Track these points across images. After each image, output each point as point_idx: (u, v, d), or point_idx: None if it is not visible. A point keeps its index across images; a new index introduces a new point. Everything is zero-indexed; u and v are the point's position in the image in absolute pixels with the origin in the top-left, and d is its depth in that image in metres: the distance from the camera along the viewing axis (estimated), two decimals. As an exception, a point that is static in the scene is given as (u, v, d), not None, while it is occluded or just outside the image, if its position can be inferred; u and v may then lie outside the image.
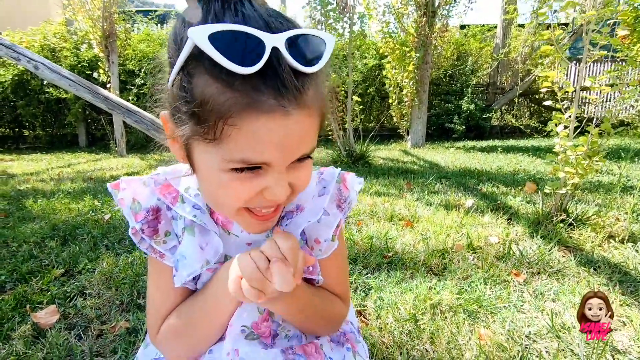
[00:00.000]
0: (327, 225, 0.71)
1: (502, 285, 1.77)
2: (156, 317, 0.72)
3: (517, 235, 2.34)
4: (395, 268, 1.93)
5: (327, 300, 0.78)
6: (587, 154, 2.23)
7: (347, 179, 0.77)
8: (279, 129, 0.46)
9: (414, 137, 7.63)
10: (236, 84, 0.44)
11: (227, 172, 0.50)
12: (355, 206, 3.00)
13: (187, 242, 0.67)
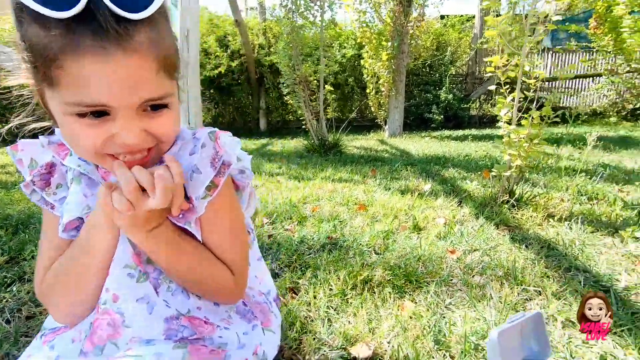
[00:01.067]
0: (199, 182, 0.71)
1: (436, 262, 1.85)
2: (41, 268, 0.71)
3: (462, 216, 2.42)
4: (339, 248, 1.99)
5: (213, 265, 0.78)
6: (529, 137, 2.31)
7: (220, 137, 0.77)
8: (102, 70, 0.49)
9: (392, 126, 7.70)
10: (54, 28, 0.49)
11: (72, 117, 0.54)
12: (315, 192, 3.05)
13: (73, 191, 0.71)
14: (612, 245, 1.98)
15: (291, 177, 3.67)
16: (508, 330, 0.73)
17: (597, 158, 4.26)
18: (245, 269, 0.85)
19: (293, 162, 4.51)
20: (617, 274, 1.70)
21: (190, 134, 0.78)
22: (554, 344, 1.29)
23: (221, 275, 0.79)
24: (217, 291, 0.81)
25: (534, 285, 1.61)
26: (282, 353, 1.23)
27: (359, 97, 10.09)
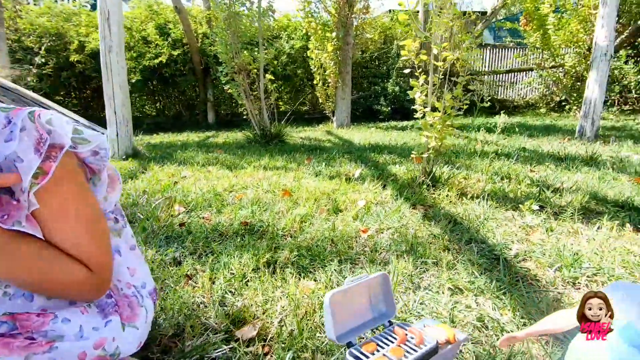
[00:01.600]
0: (22, 173, 0.63)
1: (347, 241, 1.85)
2: None
3: (383, 198, 2.46)
4: (252, 233, 1.93)
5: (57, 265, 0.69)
6: (443, 119, 2.39)
7: (41, 116, 0.67)
8: None
9: (339, 117, 7.75)
10: None
11: None
12: (244, 180, 2.97)
13: None
14: (512, 218, 2.10)
15: (224, 166, 3.54)
16: (340, 293, 0.72)
17: (519, 143, 4.57)
18: (105, 262, 0.77)
19: (231, 153, 4.38)
20: (511, 243, 1.81)
21: (3, 118, 0.68)
22: (439, 310, 1.34)
23: (69, 273, 0.70)
24: (66, 291, 0.73)
25: (432, 258, 1.66)
26: (159, 341, 1.16)
27: (310, 89, 10.07)
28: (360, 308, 0.79)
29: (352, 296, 0.77)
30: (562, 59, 8.72)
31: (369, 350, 0.71)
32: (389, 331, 0.78)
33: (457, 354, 0.79)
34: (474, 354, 1.13)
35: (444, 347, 0.76)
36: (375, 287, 0.82)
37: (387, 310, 0.83)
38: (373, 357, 0.68)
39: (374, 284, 0.81)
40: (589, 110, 4.73)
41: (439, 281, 1.49)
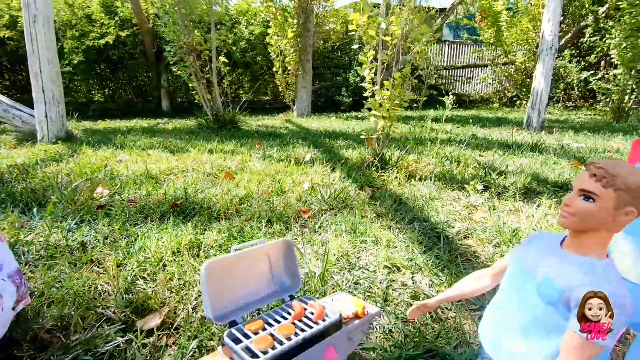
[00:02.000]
0: None
1: (285, 222, 1.72)
2: None
3: (331, 180, 2.36)
4: (181, 215, 1.75)
5: None
6: (392, 98, 2.32)
7: None
8: None
9: (300, 107, 7.59)
10: None
11: None
12: (186, 163, 2.74)
13: None
14: (458, 198, 2.07)
15: (166, 150, 3.28)
16: (220, 262, 0.59)
17: (471, 131, 4.66)
18: None
19: (178, 138, 4.09)
20: (453, 222, 1.76)
21: None
22: (374, 290, 1.24)
23: None
24: None
25: (372, 237, 1.57)
26: (35, 335, 0.96)
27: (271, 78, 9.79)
28: (254, 281, 0.65)
29: (242, 267, 0.64)
30: (514, 55, 9.11)
31: (253, 329, 0.58)
32: (286, 307, 0.66)
33: (368, 329, 0.69)
34: (402, 332, 1.04)
35: (349, 321, 0.65)
36: (276, 256, 0.69)
37: (292, 282, 0.71)
38: (254, 337, 0.55)
39: (274, 253, 0.68)
40: (535, 101, 4.92)
41: (376, 260, 1.40)
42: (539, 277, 0.50)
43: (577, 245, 0.50)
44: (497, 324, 0.56)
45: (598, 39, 8.28)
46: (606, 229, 0.48)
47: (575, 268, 0.48)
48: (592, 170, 0.47)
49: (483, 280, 0.65)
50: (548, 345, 0.49)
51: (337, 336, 0.61)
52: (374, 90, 2.32)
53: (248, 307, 0.63)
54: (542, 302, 0.49)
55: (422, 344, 0.98)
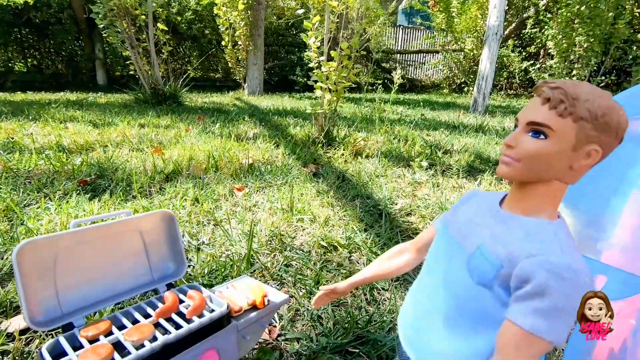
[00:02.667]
0: None
1: (216, 200, 1.54)
2: None
3: (274, 157, 2.19)
4: (89, 192, 1.49)
5: None
6: (339, 71, 2.18)
7: None
8: None
9: (251, 84, 7.23)
10: None
11: None
12: (110, 137, 2.42)
13: None
14: (403, 175, 2.01)
15: (89, 123, 2.89)
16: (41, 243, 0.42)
17: (420, 112, 4.71)
18: None
19: (107, 111, 3.65)
20: (397, 198, 1.69)
21: None
22: (305, 272, 1.12)
23: None
24: None
25: (310, 215, 1.44)
26: None
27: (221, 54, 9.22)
28: (116, 267, 0.49)
29: (95, 248, 0.47)
30: (463, 42, 9.38)
31: (91, 335, 0.42)
32: (156, 300, 0.50)
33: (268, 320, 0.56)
34: (332, 318, 0.94)
35: (243, 315, 0.51)
36: (152, 233, 0.53)
37: (176, 267, 0.55)
38: (86, 348, 0.39)
39: (150, 229, 0.52)
40: (481, 85, 5.07)
41: (313, 239, 1.28)
42: (470, 247, 0.38)
43: (521, 203, 0.37)
44: (417, 313, 0.44)
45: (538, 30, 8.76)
46: (560, 178, 0.35)
47: (518, 234, 0.35)
48: (545, 94, 0.34)
49: (404, 256, 0.54)
50: (477, 342, 0.37)
51: (222, 335, 0.47)
52: (320, 61, 2.16)
53: (101, 303, 0.47)
54: (472, 282, 0.37)
55: (352, 330, 0.88)
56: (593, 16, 5.60)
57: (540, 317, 0.32)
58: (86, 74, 8.37)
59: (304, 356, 0.81)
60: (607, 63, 6.19)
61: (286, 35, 9.60)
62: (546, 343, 0.32)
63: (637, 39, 6.14)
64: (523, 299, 0.33)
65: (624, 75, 7.39)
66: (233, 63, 7.33)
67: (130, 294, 0.50)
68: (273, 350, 0.82)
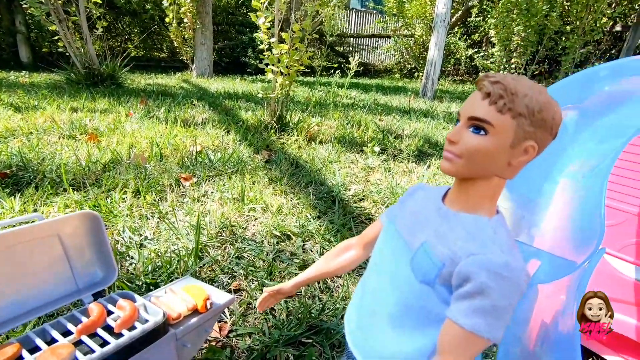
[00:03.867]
0: None
1: (161, 191, 1.44)
2: None
3: (224, 143, 2.10)
4: (13, 186, 1.32)
5: None
6: (291, 54, 2.11)
7: None
8: None
9: (199, 66, 6.84)
10: None
11: None
12: (33, 123, 2.16)
13: None
14: (356, 160, 2.03)
15: (9, 107, 2.55)
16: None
17: (373, 97, 4.78)
18: None
19: (33, 93, 3.25)
20: (350, 184, 1.70)
21: None
22: (259, 263, 1.10)
23: None
24: None
25: (262, 204, 1.41)
26: None
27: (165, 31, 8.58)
28: (32, 278, 0.43)
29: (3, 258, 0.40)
30: (413, 28, 9.60)
31: None
32: (79, 313, 0.45)
33: (212, 324, 0.53)
34: (286, 309, 0.93)
35: (182, 321, 0.48)
36: (74, 237, 0.47)
37: (105, 273, 0.50)
38: None
39: (71, 233, 0.46)
40: (430, 71, 5.25)
41: (265, 229, 1.25)
42: (414, 244, 0.38)
43: (462, 198, 0.37)
44: (362, 313, 0.43)
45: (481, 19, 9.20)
46: (499, 174, 0.36)
47: (459, 231, 0.35)
48: (485, 88, 0.34)
49: (350, 253, 0.53)
50: (421, 340, 0.37)
51: (158, 348, 0.43)
52: (270, 43, 2.08)
53: (9, 323, 0.41)
54: (416, 281, 0.37)
55: (305, 320, 0.88)
56: (529, 7, 5.98)
57: (480, 317, 0.32)
58: (6, 50, 7.39)
59: (256, 351, 0.79)
60: (541, 52, 6.68)
61: (236, 14, 9.16)
62: (485, 341, 0.33)
63: (566, 30, 6.68)
64: (463, 298, 0.33)
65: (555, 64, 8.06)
66: (179, 42, 6.87)
67: (50, 307, 0.44)
68: (223, 348, 0.79)
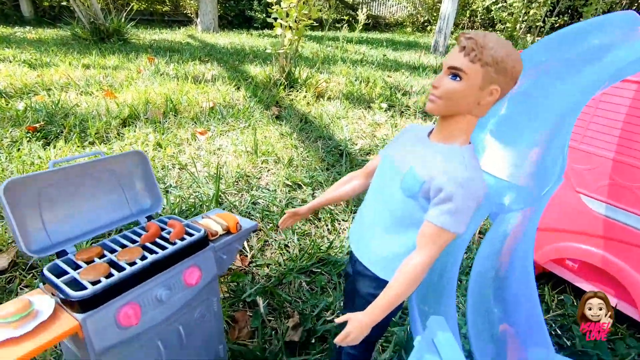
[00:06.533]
0: None
1: (178, 145, 1.54)
2: None
3: (234, 100, 2.15)
4: (43, 140, 1.43)
5: None
6: (299, 7, 2.08)
7: None
8: None
9: (204, 20, 6.64)
10: None
11: None
12: (49, 79, 2.22)
13: None
14: (363, 116, 2.08)
15: (23, 64, 2.60)
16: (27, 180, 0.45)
17: (382, 53, 4.67)
18: None
19: (43, 50, 3.27)
20: (357, 139, 1.78)
21: None
22: (272, 208, 1.21)
23: None
24: None
25: (274, 156, 1.50)
26: None
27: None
28: (96, 202, 0.53)
29: (74, 186, 0.50)
30: (427, -23, 9.03)
31: (86, 257, 0.48)
32: (139, 229, 0.56)
33: (242, 243, 0.64)
34: (299, 245, 1.05)
35: (218, 238, 0.59)
36: (126, 171, 0.57)
37: (152, 202, 0.60)
38: (84, 267, 0.45)
39: (123, 168, 0.56)
40: (442, 25, 5.05)
41: (277, 179, 1.35)
42: (404, 169, 0.47)
43: (442, 133, 0.46)
44: (363, 225, 0.54)
45: (502, -34, 8.58)
46: (471, 112, 0.44)
47: (437, 157, 0.45)
48: (461, 43, 0.43)
49: (353, 182, 0.63)
50: (405, 239, 0.49)
51: (202, 255, 0.54)
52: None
53: (87, 234, 0.52)
54: (403, 196, 0.47)
55: (315, 255, 1.00)
56: (553, -48, 5.57)
57: (447, 216, 0.43)
58: (7, 4, 7.23)
59: (274, 277, 0.92)
60: (562, 4, 6.31)
61: (241, -37, 8.68)
62: (450, 234, 0.44)
63: (591, -22, 6.24)
64: (436, 204, 0.44)
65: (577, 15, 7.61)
66: (182, -6, 6.62)
67: (114, 225, 0.55)
68: (246, 274, 0.92)
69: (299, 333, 0.75)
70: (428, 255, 0.45)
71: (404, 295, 0.46)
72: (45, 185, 0.47)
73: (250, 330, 0.78)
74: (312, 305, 0.85)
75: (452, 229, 0.43)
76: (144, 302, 0.47)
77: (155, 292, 0.48)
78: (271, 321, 0.80)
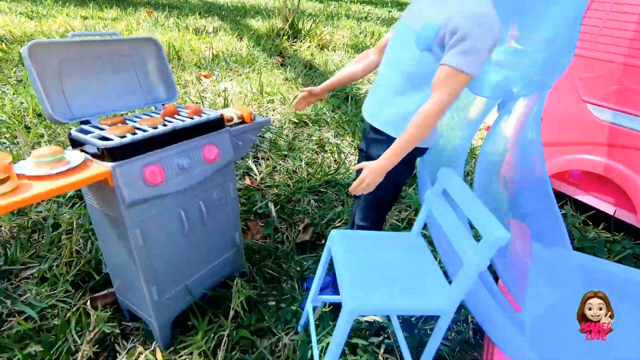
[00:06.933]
0: None
1: (184, 86, 1.53)
2: None
3: (237, 49, 2.12)
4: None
5: None
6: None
7: None
8: None
9: (202, -21, 6.37)
10: None
11: None
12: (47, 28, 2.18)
13: None
14: (368, 65, 2.05)
15: (19, 14, 2.54)
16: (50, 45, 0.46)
17: (387, 10, 4.52)
18: None
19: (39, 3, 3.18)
20: (361, 85, 1.76)
21: None
22: (280, 142, 1.22)
23: None
24: None
25: (280, 96, 1.50)
26: None
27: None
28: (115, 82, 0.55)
29: (94, 60, 0.51)
30: None
31: (111, 122, 0.50)
32: (157, 110, 0.58)
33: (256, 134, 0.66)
34: (307, 172, 1.07)
35: (234, 125, 0.61)
36: (141, 57, 0.58)
37: (168, 93, 0.62)
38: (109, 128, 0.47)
39: (138, 53, 0.57)
40: (450, -18, 4.85)
41: (284, 117, 1.36)
42: (418, 26, 0.48)
43: None
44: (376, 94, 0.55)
45: None
46: None
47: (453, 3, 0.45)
48: None
49: (368, 58, 0.64)
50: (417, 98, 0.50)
51: (219, 136, 0.56)
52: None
53: (104, 112, 0.53)
54: (418, 52, 0.48)
55: (322, 178, 1.02)
56: None
57: (462, 57, 0.43)
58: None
59: (283, 195, 0.95)
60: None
61: None
62: (464, 75, 0.44)
63: None
64: (452, 47, 0.44)
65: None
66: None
67: (132, 108, 0.57)
68: (257, 191, 0.95)
69: (310, 233, 0.79)
70: (440, 98, 0.46)
71: (416, 138, 0.47)
72: (64, 58, 0.48)
73: (262, 236, 0.81)
74: (321, 215, 0.88)
75: (466, 69, 0.44)
76: (167, 166, 0.50)
77: (177, 160, 0.51)
78: (282, 229, 0.84)
